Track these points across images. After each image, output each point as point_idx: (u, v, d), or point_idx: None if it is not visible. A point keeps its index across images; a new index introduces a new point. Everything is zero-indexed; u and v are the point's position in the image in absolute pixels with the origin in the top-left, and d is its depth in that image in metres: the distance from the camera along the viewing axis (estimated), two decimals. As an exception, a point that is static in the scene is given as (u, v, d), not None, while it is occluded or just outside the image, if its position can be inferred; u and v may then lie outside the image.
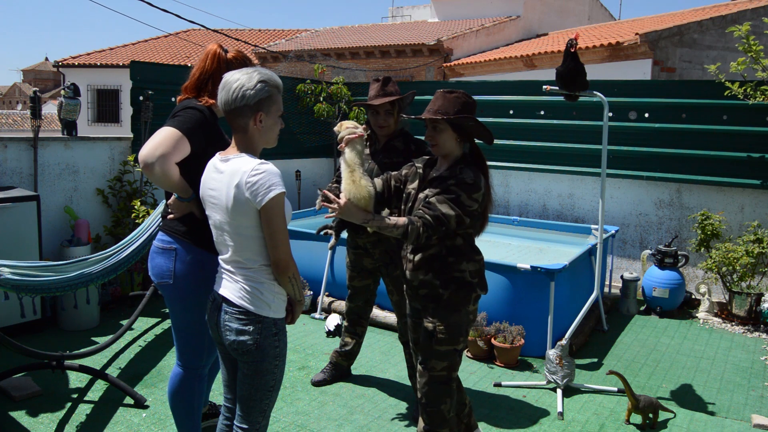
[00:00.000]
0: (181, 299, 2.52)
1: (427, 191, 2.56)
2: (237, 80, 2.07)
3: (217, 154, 2.20)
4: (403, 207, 2.71)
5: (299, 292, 2.18)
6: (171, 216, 2.55)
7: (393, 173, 2.83)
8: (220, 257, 2.23)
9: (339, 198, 2.52)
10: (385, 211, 2.91)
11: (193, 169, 2.44)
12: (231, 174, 2.06)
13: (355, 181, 2.56)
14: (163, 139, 2.35)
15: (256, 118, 2.09)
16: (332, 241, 3.84)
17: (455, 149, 2.59)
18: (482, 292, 2.66)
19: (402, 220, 2.45)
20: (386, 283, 3.65)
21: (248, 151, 2.12)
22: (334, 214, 2.54)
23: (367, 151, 3.55)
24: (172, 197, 2.52)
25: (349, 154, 2.64)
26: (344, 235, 3.74)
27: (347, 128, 2.74)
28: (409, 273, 2.62)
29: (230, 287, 2.15)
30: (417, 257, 2.58)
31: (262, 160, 2.07)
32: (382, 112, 3.41)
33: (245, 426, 2.22)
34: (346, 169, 2.62)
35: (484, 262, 2.70)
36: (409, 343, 2.94)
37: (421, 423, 2.72)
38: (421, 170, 2.70)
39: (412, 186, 2.69)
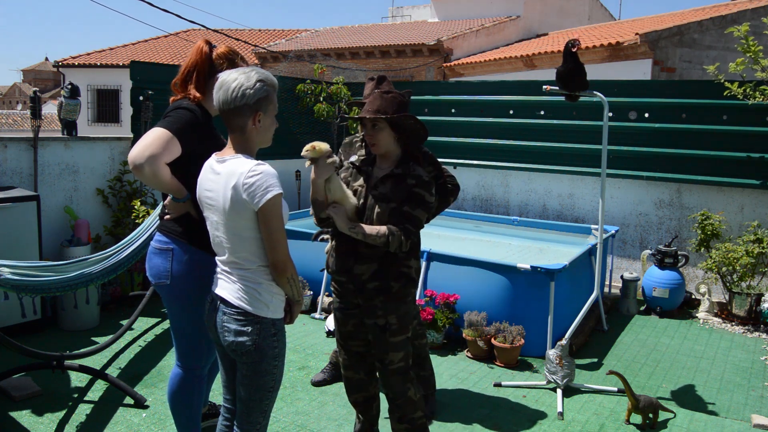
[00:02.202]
0: (179, 299, 2.52)
1: (382, 189, 2.62)
2: (235, 80, 2.06)
3: (213, 155, 2.19)
4: None
5: (298, 292, 2.18)
6: (168, 216, 2.55)
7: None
8: (217, 258, 2.22)
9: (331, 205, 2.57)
10: None
11: (186, 169, 2.43)
12: (228, 175, 2.05)
13: (338, 195, 2.60)
14: (153, 140, 2.34)
15: (255, 118, 2.09)
16: (329, 245, 3.83)
17: (394, 147, 2.68)
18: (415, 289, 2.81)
19: (383, 229, 2.51)
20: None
21: (245, 151, 2.11)
22: (327, 211, 2.57)
23: (362, 151, 3.55)
24: (168, 198, 2.51)
25: (330, 184, 2.60)
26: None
27: (311, 150, 2.59)
28: (359, 267, 2.62)
29: (228, 288, 2.15)
30: (368, 251, 2.60)
31: (259, 161, 2.06)
32: None
33: (246, 426, 2.21)
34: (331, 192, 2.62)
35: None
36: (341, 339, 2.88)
37: (394, 415, 2.76)
38: (364, 168, 2.76)
39: (357, 183, 2.74)
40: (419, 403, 2.75)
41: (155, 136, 2.36)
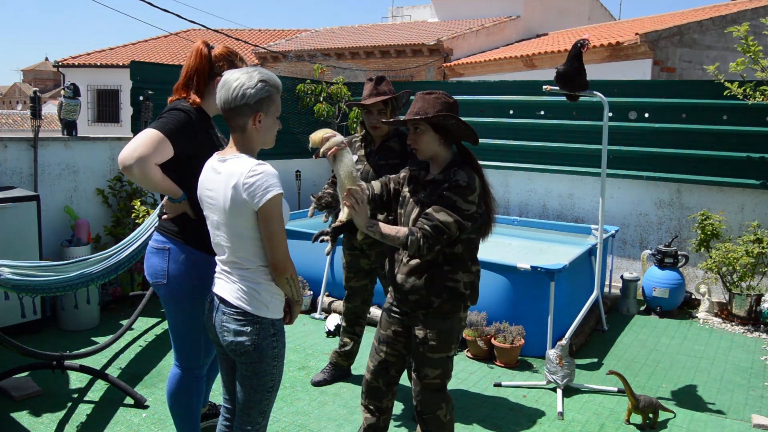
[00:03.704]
0: (176, 299, 2.52)
1: (421, 194, 2.51)
2: (237, 79, 2.06)
3: (214, 155, 2.20)
4: (400, 210, 2.64)
5: (297, 293, 2.17)
6: (165, 216, 2.55)
7: (392, 176, 2.75)
8: (217, 258, 2.22)
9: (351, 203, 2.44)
10: (381, 216, 2.87)
11: (181, 169, 2.43)
12: (228, 175, 2.05)
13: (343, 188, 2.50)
14: (143, 140, 2.35)
15: (255, 118, 2.09)
16: (328, 247, 3.83)
17: (441, 151, 2.52)
18: (471, 304, 2.61)
19: (403, 230, 2.39)
20: (383, 283, 3.65)
21: (246, 151, 2.11)
22: (347, 210, 2.45)
23: (362, 152, 3.55)
24: (165, 198, 2.52)
25: (338, 166, 2.54)
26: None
27: (324, 138, 2.59)
28: (401, 276, 2.54)
29: (228, 288, 2.15)
30: (413, 262, 2.51)
31: (260, 161, 2.06)
32: (375, 111, 3.39)
33: (246, 427, 2.21)
34: (339, 182, 2.54)
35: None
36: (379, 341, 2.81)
37: (418, 429, 2.69)
38: (416, 173, 2.63)
39: (407, 189, 2.63)
40: (448, 425, 2.65)
41: (146, 137, 2.36)
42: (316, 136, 2.61)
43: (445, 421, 2.64)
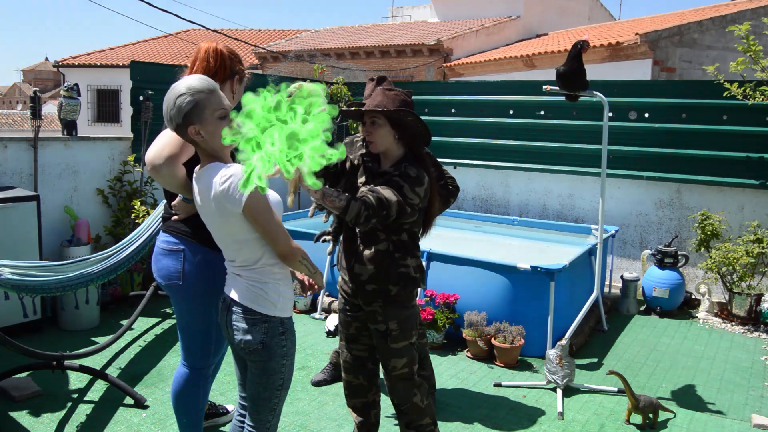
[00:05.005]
0: (190, 299, 2.52)
1: (372, 185, 2.57)
2: (165, 101, 2.08)
3: (196, 167, 2.21)
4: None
5: (313, 266, 2.16)
6: (176, 217, 2.54)
7: (350, 155, 2.83)
8: (226, 260, 2.24)
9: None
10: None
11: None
12: (206, 188, 2.07)
13: None
14: (169, 140, 2.35)
15: (193, 132, 2.07)
16: (330, 246, 3.84)
17: (394, 147, 2.60)
18: (423, 287, 2.74)
19: (346, 195, 2.39)
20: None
21: (212, 159, 2.12)
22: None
23: (363, 151, 3.55)
24: (178, 198, 2.51)
25: None
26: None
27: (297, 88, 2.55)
28: (358, 267, 2.61)
29: (236, 288, 2.16)
30: (367, 252, 2.59)
31: (228, 164, 2.06)
32: None
33: (256, 424, 2.23)
34: None
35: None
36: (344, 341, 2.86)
37: (402, 421, 2.73)
38: (370, 164, 2.69)
39: (361, 180, 2.69)
40: (427, 409, 2.70)
41: (172, 136, 2.36)
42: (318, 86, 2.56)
43: (423, 406, 2.68)
